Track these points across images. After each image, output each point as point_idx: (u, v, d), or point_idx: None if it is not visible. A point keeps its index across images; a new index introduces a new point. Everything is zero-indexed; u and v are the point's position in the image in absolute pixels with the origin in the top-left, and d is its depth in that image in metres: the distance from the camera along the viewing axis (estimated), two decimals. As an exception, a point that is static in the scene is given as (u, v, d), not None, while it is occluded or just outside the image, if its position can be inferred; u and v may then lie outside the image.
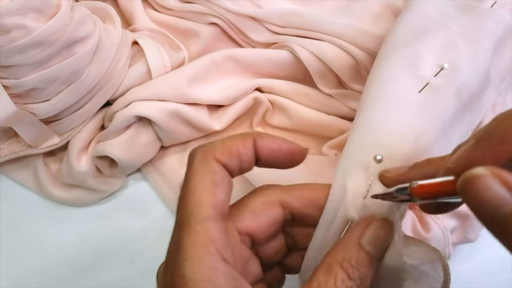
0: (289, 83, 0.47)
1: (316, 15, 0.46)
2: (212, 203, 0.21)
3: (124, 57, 0.44)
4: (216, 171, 0.21)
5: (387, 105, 0.29)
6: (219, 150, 0.22)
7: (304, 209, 0.25)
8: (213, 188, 0.21)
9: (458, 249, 0.42)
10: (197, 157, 0.22)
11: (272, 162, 0.23)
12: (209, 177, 0.21)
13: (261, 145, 0.23)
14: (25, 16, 0.36)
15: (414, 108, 0.29)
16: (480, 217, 0.17)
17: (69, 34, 0.39)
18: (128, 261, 0.44)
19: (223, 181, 0.21)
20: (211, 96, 0.45)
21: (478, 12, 0.37)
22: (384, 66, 0.32)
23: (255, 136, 0.23)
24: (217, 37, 0.49)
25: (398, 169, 0.24)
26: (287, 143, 0.23)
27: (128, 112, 0.43)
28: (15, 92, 0.39)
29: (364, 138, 0.28)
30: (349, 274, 0.21)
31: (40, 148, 0.45)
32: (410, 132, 0.28)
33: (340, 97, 0.46)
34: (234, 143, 0.22)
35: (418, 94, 0.30)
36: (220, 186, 0.21)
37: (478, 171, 0.16)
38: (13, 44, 0.36)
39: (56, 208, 0.47)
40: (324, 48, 0.45)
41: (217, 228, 0.20)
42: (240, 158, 0.22)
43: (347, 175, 0.26)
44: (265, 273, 0.27)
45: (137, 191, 0.48)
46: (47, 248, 0.45)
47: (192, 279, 0.19)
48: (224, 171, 0.22)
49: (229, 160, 0.22)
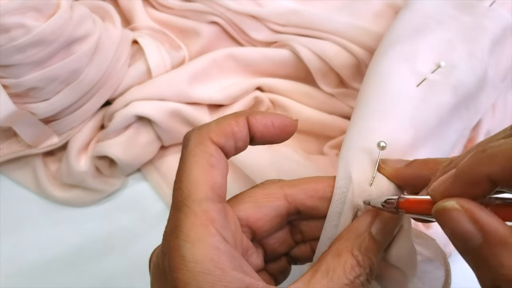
0: (290, 82, 0.47)
1: (317, 14, 0.46)
2: (210, 184, 0.20)
3: (124, 56, 0.43)
4: (213, 153, 0.21)
5: (386, 96, 0.29)
6: (214, 132, 0.22)
7: (310, 201, 0.25)
8: (210, 170, 0.21)
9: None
10: (192, 139, 0.22)
11: (267, 138, 0.23)
12: (206, 158, 0.21)
13: (255, 122, 0.23)
14: (25, 15, 0.36)
15: (413, 100, 0.29)
16: (453, 244, 0.18)
17: (69, 33, 0.38)
18: (128, 261, 0.44)
19: (220, 163, 0.21)
20: (211, 95, 0.45)
21: (477, 11, 0.37)
22: (383, 60, 0.33)
23: (248, 114, 0.23)
24: (218, 36, 0.49)
25: (395, 162, 0.24)
26: (279, 117, 0.23)
27: (128, 111, 0.43)
28: (14, 92, 0.39)
29: (364, 126, 0.28)
30: (359, 261, 0.21)
31: (40, 148, 0.44)
32: (410, 121, 0.28)
33: (341, 96, 0.46)
34: (228, 123, 0.22)
35: (416, 88, 0.30)
36: (217, 168, 0.21)
37: (449, 204, 0.17)
38: (13, 43, 0.36)
39: (56, 208, 0.46)
40: (326, 47, 0.45)
41: (216, 209, 0.20)
42: (235, 137, 0.22)
43: (350, 163, 0.25)
44: (269, 263, 0.26)
45: (136, 191, 0.48)
46: (47, 248, 0.45)
47: (193, 259, 0.18)
48: (220, 152, 0.22)
49: (224, 140, 0.22)
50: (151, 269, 0.23)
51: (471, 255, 0.18)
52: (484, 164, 0.18)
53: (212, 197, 0.20)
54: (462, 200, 0.18)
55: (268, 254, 0.26)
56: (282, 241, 0.26)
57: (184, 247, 0.19)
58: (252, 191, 0.24)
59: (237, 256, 0.20)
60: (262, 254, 0.26)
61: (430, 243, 0.26)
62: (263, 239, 0.25)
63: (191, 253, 0.18)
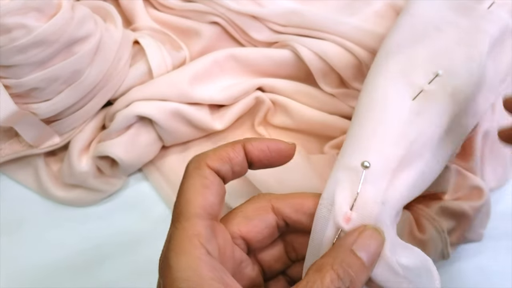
0: (291, 83, 0.47)
1: (318, 14, 0.46)
2: (201, 203, 0.23)
3: (125, 56, 0.43)
4: (207, 176, 0.24)
5: (379, 112, 0.30)
6: (211, 158, 0.24)
7: (295, 216, 0.26)
8: (202, 191, 0.23)
9: (460, 249, 0.42)
10: (191, 164, 0.24)
11: (265, 162, 0.26)
12: (200, 181, 0.23)
13: (251, 148, 0.25)
14: (26, 15, 0.36)
15: (407, 115, 0.30)
16: None
17: (70, 33, 0.38)
18: (129, 261, 0.44)
19: (213, 185, 0.24)
20: (212, 96, 0.45)
21: (475, 14, 0.36)
22: (379, 73, 0.33)
23: (244, 141, 0.25)
24: (219, 36, 0.49)
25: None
26: (274, 142, 0.26)
27: (129, 112, 0.43)
28: (15, 92, 0.39)
29: (354, 146, 0.28)
30: (338, 274, 0.21)
31: (41, 148, 0.45)
32: (402, 138, 0.28)
33: (342, 96, 0.46)
34: (224, 150, 0.25)
35: (412, 101, 0.30)
36: (210, 189, 0.23)
37: None
38: (14, 43, 0.36)
39: (57, 208, 0.46)
40: (326, 48, 0.45)
41: (203, 224, 0.22)
42: (230, 162, 0.24)
43: (336, 183, 0.26)
44: (269, 282, 0.28)
45: (138, 191, 0.48)
46: (48, 248, 0.45)
47: (177, 268, 0.21)
48: (214, 176, 0.24)
49: (220, 165, 0.24)
50: (158, 272, 0.24)
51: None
52: None
53: (201, 215, 0.23)
54: None
55: (266, 272, 0.28)
56: (277, 258, 0.28)
57: (170, 257, 0.22)
58: (243, 206, 0.26)
59: (219, 268, 0.22)
60: (258, 269, 0.27)
61: (415, 252, 0.26)
62: (258, 254, 0.27)
63: (176, 261, 0.21)
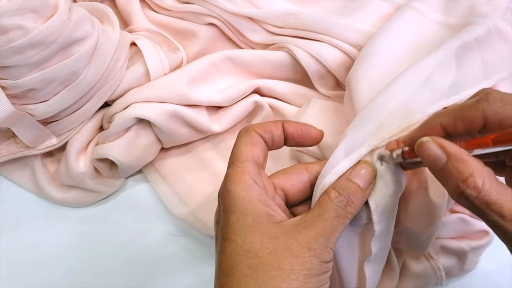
0: (288, 84, 0.47)
1: (314, 16, 0.46)
2: (250, 154, 0.30)
3: (122, 58, 0.44)
4: (254, 137, 0.31)
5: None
6: (257, 126, 0.31)
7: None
8: (251, 146, 0.30)
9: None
10: (242, 130, 0.31)
11: (296, 139, 0.32)
12: (249, 139, 0.30)
13: (287, 126, 0.32)
14: (23, 16, 0.36)
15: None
16: (429, 168, 0.26)
17: (67, 34, 0.39)
18: (127, 262, 0.44)
19: (259, 144, 0.31)
20: (210, 97, 0.45)
21: None
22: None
23: (283, 120, 0.32)
24: (215, 38, 0.49)
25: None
26: (306, 126, 0.32)
27: (128, 114, 0.43)
28: (12, 93, 0.39)
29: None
30: (339, 191, 0.28)
31: (38, 149, 0.45)
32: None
33: (338, 98, 0.46)
34: (268, 123, 0.32)
35: None
36: (256, 145, 0.30)
37: (424, 139, 0.26)
38: (11, 44, 0.36)
39: (54, 209, 0.47)
40: (322, 50, 0.45)
41: (252, 166, 0.29)
42: (271, 133, 0.31)
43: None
44: None
45: (136, 192, 0.48)
46: (46, 248, 0.45)
47: (234, 191, 0.28)
48: (259, 138, 0.31)
49: (263, 132, 0.31)
50: (215, 224, 0.31)
51: (440, 173, 0.25)
52: (437, 116, 0.27)
53: (250, 160, 0.30)
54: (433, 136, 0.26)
55: None
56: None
57: (229, 185, 0.29)
58: (283, 168, 0.33)
59: (263, 195, 0.29)
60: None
61: None
62: (293, 208, 0.32)
63: (233, 188, 0.28)
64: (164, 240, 0.45)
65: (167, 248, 0.45)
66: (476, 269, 0.42)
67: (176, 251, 0.45)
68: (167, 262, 0.44)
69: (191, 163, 0.48)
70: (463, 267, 0.41)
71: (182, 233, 0.45)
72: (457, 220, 0.39)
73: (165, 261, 0.44)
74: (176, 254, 0.44)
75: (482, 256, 0.42)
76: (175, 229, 0.46)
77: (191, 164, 0.48)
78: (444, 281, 0.40)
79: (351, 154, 0.30)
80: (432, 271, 0.40)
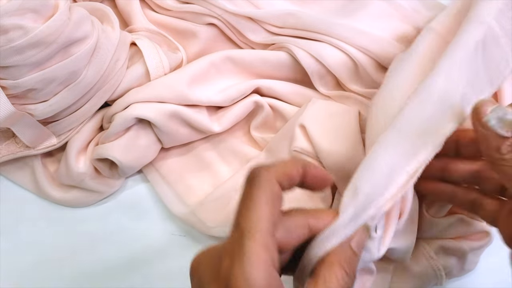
0: (288, 84, 0.47)
1: (314, 16, 0.46)
2: (272, 219, 0.25)
3: (122, 58, 0.44)
4: (277, 191, 0.26)
5: None
6: (280, 173, 0.27)
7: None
8: (273, 206, 0.26)
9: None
10: (262, 175, 0.26)
11: (309, 185, 0.29)
12: (272, 196, 0.26)
13: (308, 172, 0.28)
14: (23, 16, 0.36)
15: None
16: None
17: (67, 34, 0.39)
18: (127, 262, 0.44)
19: (280, 199, 0.27)
20: (210, 97, 0.45)
21: None
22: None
23: (306, 165, 0.28)
24: (215, 38, 0.49)
25: None
26: (322, 172, 0.29)
27: (128, 114, 0.43)
28: (12, 93, 0.39)
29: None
30: (346, 271, 0.26)
31: (38, 149, 0.45)
32: None
33: (338, 98, 0.46)
34: (290, 168, 0.27)
35: None
36: (277, 203, 0.26)
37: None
38: (11, 44, 0.36)
39: (54, 209, 0.47)
40: (322, 50, 0.45)
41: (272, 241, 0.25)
42: (292, 180, 0.27)
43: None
44: None
45: (136, 192, 0.48)
46: (46, 248, 0.45)
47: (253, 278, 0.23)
48: (281, 190, 0.27)
49: (284, 180, 0.27)
50: (193, 272, 0.28)
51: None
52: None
53: (271, 231, 0.25)
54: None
55: None
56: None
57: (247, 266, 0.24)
58: (284, 219, 0.28)
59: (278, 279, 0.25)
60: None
61: None
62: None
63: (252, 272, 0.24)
64: (164, 240, 0.45)
65: (167, 248, 0.45)
66: (476, 269, 0.42)
67: (176, 251, 0.45)
68: (167, 262, 0.44)
69: (191, 163, 0.48)
70: (463, 267, 0.41)
71: (182, 233, 0.45)
72: (457, 221, 0.39)
73: (165, 261, 0.44)
74: (176, 254, 0.44)
75: (482, 256, 0.42)
76: (175, 229, 0.46)
77: (191, 164, 0.48)
78: (444, 281, 0.40)
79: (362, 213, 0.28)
80: (432, 271, 0.40)
